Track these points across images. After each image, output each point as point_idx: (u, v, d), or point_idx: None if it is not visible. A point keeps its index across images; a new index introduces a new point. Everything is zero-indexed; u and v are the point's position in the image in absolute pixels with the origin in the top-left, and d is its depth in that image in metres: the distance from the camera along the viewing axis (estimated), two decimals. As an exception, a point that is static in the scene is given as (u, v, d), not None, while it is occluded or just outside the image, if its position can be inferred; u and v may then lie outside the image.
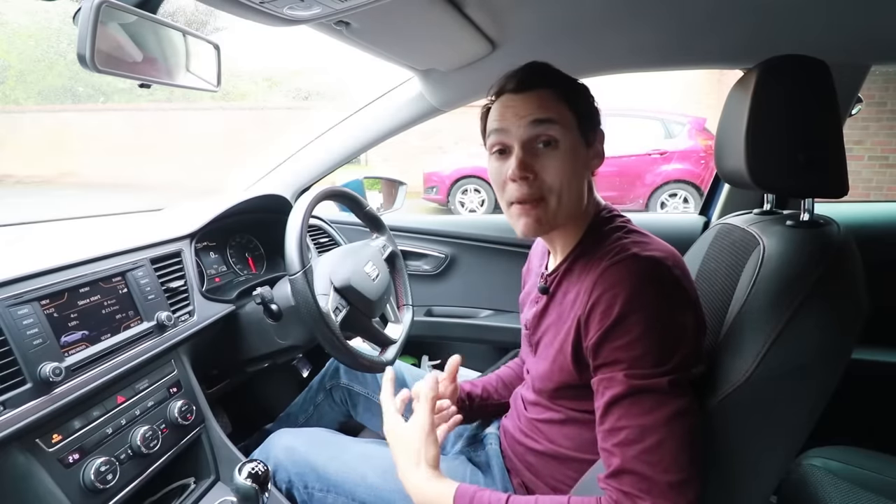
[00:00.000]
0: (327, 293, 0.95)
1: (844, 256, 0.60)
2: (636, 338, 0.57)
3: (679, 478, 0.54)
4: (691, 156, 5.43)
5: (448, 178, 6.11)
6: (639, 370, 0.56)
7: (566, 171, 0.66)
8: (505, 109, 0.68)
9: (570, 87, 0.69)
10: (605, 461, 0.59)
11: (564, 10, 0.97)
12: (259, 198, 1.19)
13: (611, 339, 0.58)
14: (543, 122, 0.65)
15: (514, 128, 0.67)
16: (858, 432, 1.09)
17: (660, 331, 0.57)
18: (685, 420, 0.55)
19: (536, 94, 0.67)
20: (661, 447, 0.54)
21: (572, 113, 0.67)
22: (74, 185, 7.12)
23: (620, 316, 0.57)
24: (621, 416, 0.57)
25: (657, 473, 0.54)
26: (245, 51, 10.03)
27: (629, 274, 0.59)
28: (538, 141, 0.66)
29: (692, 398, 0.57)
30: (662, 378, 0.55)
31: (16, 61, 7.34)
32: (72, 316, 0.75)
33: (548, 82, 0.68)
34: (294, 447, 0.88)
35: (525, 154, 0.66)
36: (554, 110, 0.66)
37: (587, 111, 0.70)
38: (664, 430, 0.54)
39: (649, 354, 0.56)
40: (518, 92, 0.68)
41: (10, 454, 0.63)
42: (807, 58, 0.62)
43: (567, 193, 0.67)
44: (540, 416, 0.77)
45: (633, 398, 0.56)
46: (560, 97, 0.67)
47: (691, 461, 0.55)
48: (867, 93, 1.23)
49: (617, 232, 0.68)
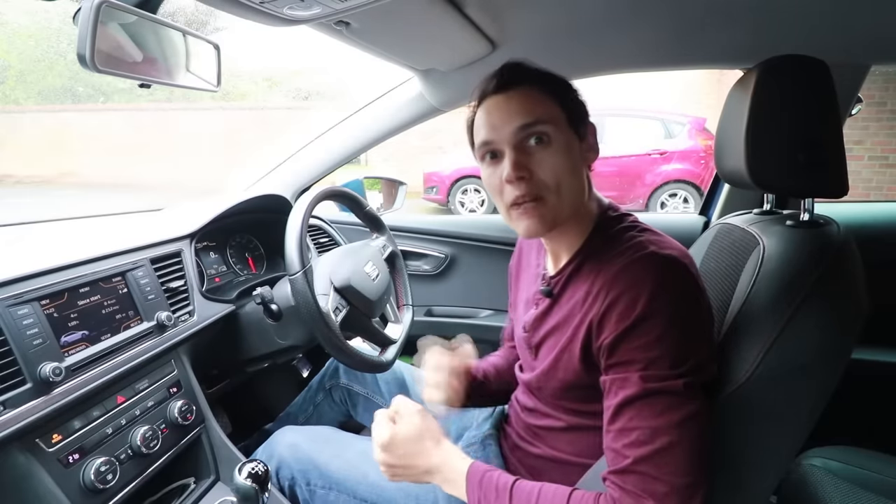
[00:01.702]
0: (327, 293, 0.95)
1: (844, 256, 0.60)
2: (655, 339, 0.56)
3: (685, 481, 0.53)
4: (691, 156, 5.43)
5: (448, 178, 6.12)
6: (654, 371, 0.55)
7: (562, 166, 0.64)
8: (490, 113, 0.66)
9: (553, 82, 0.67)
10: (610, 460, 0.58)
11: (564, 11, 0.97)
12: (259, 198, 1.19)
13: (629, 339, 0.57)
14: (532, 124, 0.64)
15: (502, 131, 0.64)
16: (858, 432, 1.09)
17: (679, 332, 0.56)
18: (697, 424, 0.55)
19: (520, 92, 0.65)
20: (671, 450, 0.54)
21: (560, 108, 0.66)
22: (74, 185, 7.12)
23: (641, 316, 0.56)
24: (633, 416, 0.56)
25: (664, 475, 0.53)
26: (245, 51, 10.04)
27: (650, 273, 0.58)
28: (529, 139, 0.64)
29: (705, 402, 0.56)
30: (678, 380, 0.55)
31: (16, 61, 7.34)
32: (72, 316, 0.75)
33: (530, 79, 0.66)
34: (297, 444, 0.88)
35: (518, 154, 0.64)
36: (541, 109, 0.64)
37: (575, 105, 0.68)
38: (675, 432, 0.54)
39: (666, 356, 0.55)
40: (501, 92, 0.66)
41: (10, 454, 0.63)
42: (807, 58, 0.62)
43: (566, 189, 0.65)
44: (539, 422, 0.76)
45: (647, 399, 0.55)
46: (545, 93, 0.65)
47: (700, 466, 0.54)
48: (867, 93, 1.23)
49: (629, 231, 0.66)
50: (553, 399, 0.73)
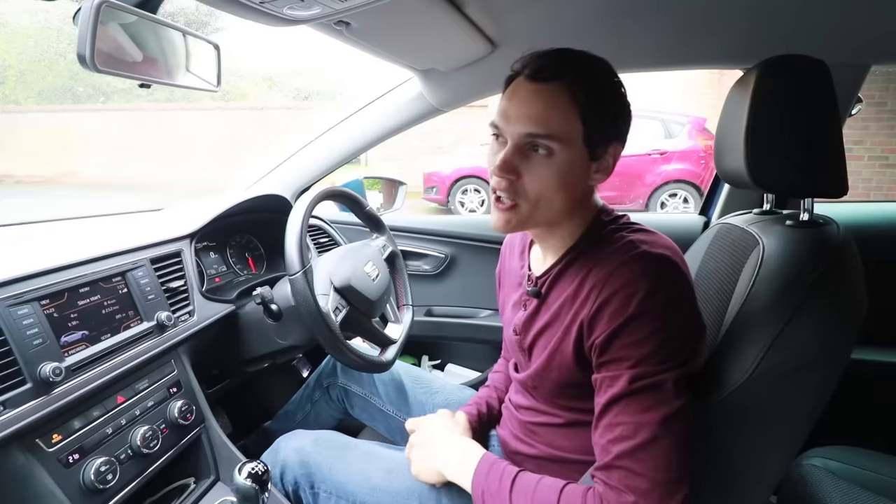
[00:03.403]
0: (327, 293, 0.95)
1: (844, 256, 0.60)
2: (646, 336, 0.57)
3: (668, 477, 0.54)
4: (691, 156, 5.43)
5: (448, 178, 6.11)
6: (643, 368, 0.56)
7: (553, 182, 0.62)
8: (511, 100, 0.63)
9: (593, 90, 0.61)
10: (598, 455, 0.59)
11: (564, 11, 0.97)
12: (259, 198, 1.19)
13: (620, 336, 0.58)
14: (538, 136, 0.61)
15: (511, 126, 0.63)
16: (858, 432, 1.09)
17: (669, 330, 0.57)
18: (681, 421, 0.55)
19: (548, 90, 0.61)
20: (654, 445, 0.54)
21: (582, 122, 0.61)
22: (74, 185, 7.12)
23: (633, 315, 0.57)
24: (619, 412, 0.57)
25: (647, 471, 0.54)
26: (245, 51, 10.03)
27: (643, 272, 0.58)
28: (534, 145, 0.62)
29: (690, 400, 0.57)
30: (665, 375, 0.55)
31: (16, 61, 7.33)
32: (72, 316, 0.75)
33: (566, 78, 0.61)
34: (302, 449, 0.89)
35: (513, 154, 0.62)
36: (556, 121, 0.60)
37: (604, 124, 0.63)
38: (659, 428, 0.54)
39: (656, 352, 0.56)
40: (530, 80, 0.62)
41: (10, 454, 0.63)
42: (807, 58, 0.62)
43: (545, 204, 0.64)
44: (535, 419, 0.76)
45: (634, 396, 0.56)
46: (573, 101, 0.60)
47: (684, 463, 0.55)
48: (867, 93, 1.23)
49: (621, 231, 0.66)
50: (550, 397, 0.73)
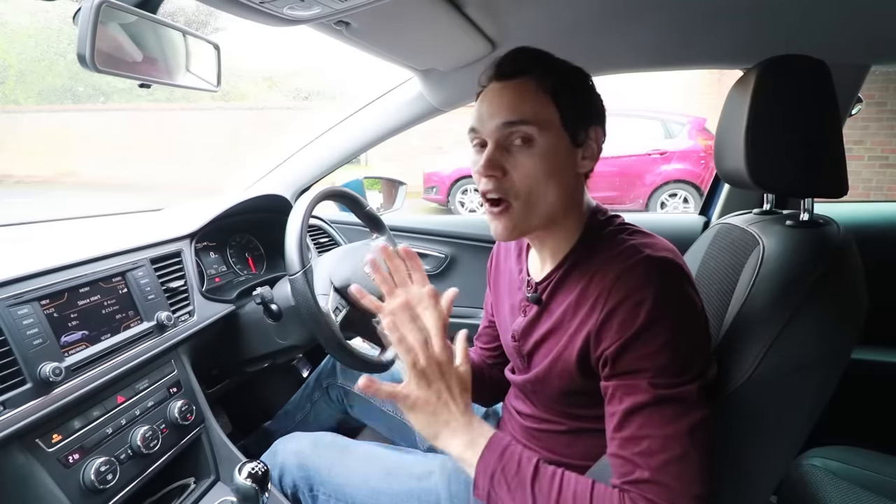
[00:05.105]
0: (327, 293, 0.95)
1: (844, 256, 0.60)
2: (661, 346, 0.55)
3: (701, 491, 0.53)
4: (691, 156, 5.43)
5: (448, 178, 6.11)
6: (663, 379, 0.55)
7: (539, 171, 0.61)
8: (482, 102, 0.64)
9: (560, 77, 0.63)
10: (619, 467, 0.56)
11: (564, 11, 0.97)
12: (259, 198, 1.19)
13: (634, 347, 0.56)
14: (515, 123, 0.61)
15: (487, 124, 0.63)
16: (858, 432, 1.09)
17: (683, 338, 0.56)
18: (705, 431, 0.54)
19: (516, 84, 0.62)
20: (686, 459, 0.53)
21: (556, 107, 0.62)
22: (74, 185, 7.11)
23: (645, 325, 0.55)
24: (643, 424, 0.55)
25: (683, 486, 0.52)
26: (245, 51, 10.01)
27: (649, 279, 0.56)
28: (513, 137, 0.62)
29: (709, 408, 0.56)
30: (687, 386, 0.54)
31: (16, 61, 7.33)
32: (72, 316, 0.75)
33: (531, 71, 0.62)
34: (300, 451, 0.88)
35: (496, 151, 0.62)
36: (529, 107, 0.61)
37: (578, 105, 0.64)
38: (687, 440, 0.53)
39: (674, 363, 0.55)
40: (499, 79, 0.64)
41: (10, 454, 0.63)
42: (807, 58, 0.62)
43: (537, 197, 0.62)
44: (538, 426, 0.75)
45: (656, 407, 0.54)
46: (543, 89, 0.62)
47: (710, 474, 0.54)
48: (867, 93, 1.23)
49: (619, 234, 0.65)
50: (550, 403, 0.72)
